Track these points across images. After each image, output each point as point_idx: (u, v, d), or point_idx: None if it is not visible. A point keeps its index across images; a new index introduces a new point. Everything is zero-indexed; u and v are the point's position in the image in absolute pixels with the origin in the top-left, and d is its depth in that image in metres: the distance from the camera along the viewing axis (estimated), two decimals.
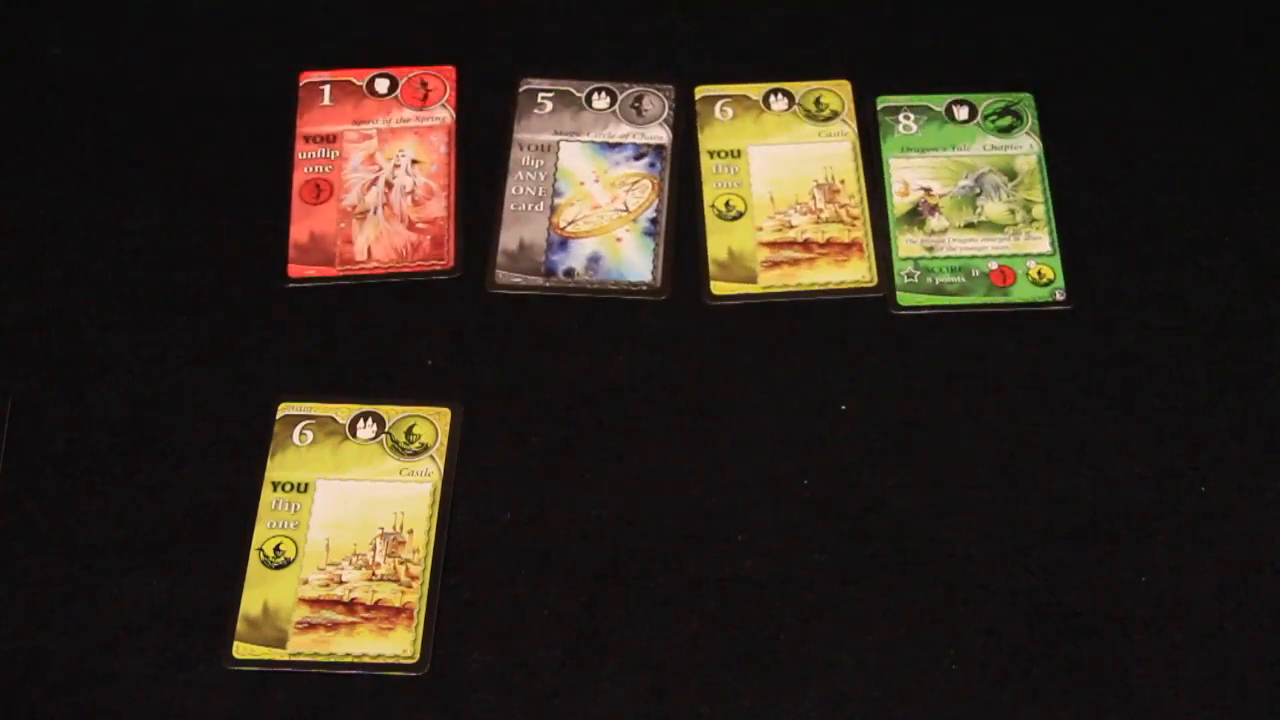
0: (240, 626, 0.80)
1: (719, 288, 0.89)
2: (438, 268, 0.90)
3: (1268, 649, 0.79)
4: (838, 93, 0.94)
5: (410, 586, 0.81)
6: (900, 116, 0.93)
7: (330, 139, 0.93)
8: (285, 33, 1.00)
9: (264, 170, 0.94)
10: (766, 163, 0.92)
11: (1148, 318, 0.88)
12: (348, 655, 0.79)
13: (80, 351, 0.88)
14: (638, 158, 0.92)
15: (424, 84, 0.95)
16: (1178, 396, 0.86)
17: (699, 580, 0.81)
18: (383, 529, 0.83)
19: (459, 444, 0.85)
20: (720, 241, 0.90)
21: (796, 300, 0.88)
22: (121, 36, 0.99)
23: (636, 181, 0.90)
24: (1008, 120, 0.93)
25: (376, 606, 0.80)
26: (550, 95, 0.94)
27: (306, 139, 0.94)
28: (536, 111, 0.94)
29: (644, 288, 0.89)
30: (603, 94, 0.94)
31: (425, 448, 0.85)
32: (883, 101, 0.94)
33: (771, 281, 0.89)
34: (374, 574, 0.81)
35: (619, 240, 0.90)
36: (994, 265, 0.89)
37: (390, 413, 0.86)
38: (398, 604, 0.80)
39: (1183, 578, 0.81)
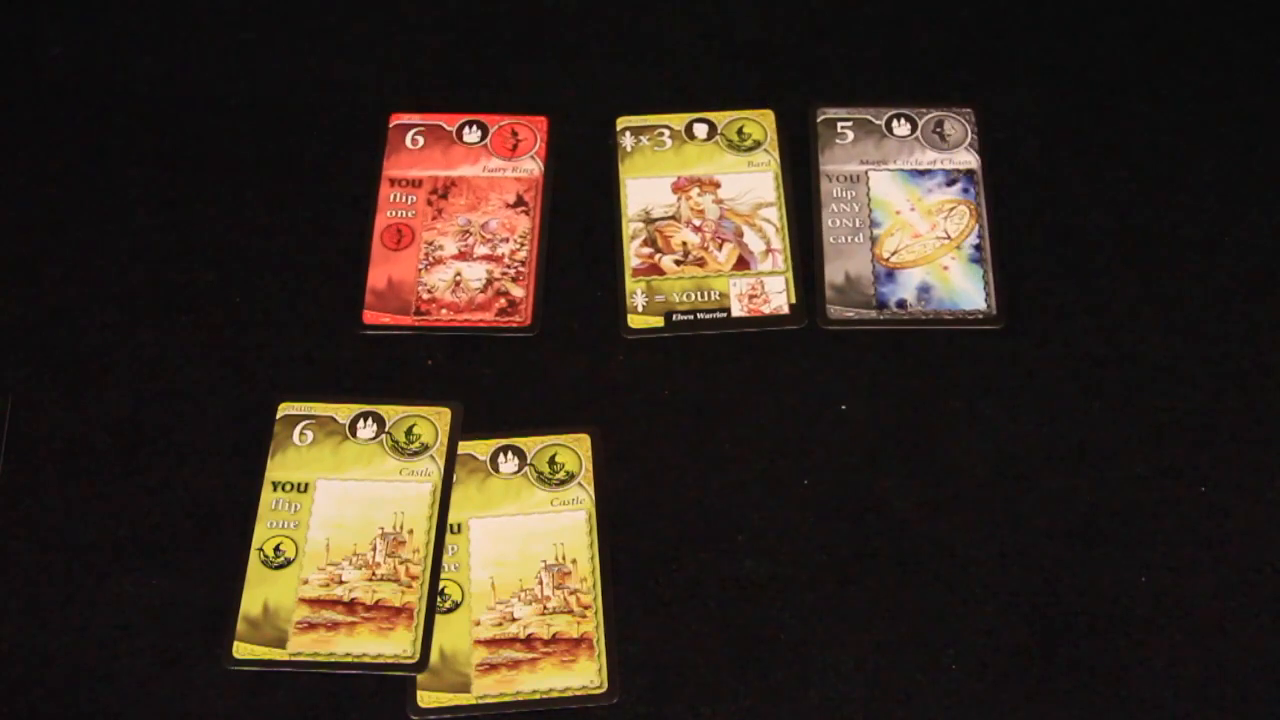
0: (240, 626, 0.80)
1: (425, 699, 0.78)
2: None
3: (1268, 649, 0.79)
4: (576, 449, 0.85)
5: (410, 586, 0.81)
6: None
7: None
8: (285, 27, 1.00)
9: (265, 168, 0.94)
10: (489, 539, 0.83)
11: (1148, 318, 0.88)
12: (348, 655, 0.79)
13: (80, 351, 0.88)
14: (950, 184, 0.90)
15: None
16: (1178, 396, 0.86)
17: (699, 580, 0.81)
18: (383, 529, 0.82)
19: (459, 444, 0.85)
20: (439, 636, 0.80)
21: (520, 702, 0.79)
22: (122, 36, 0.99)
23: (954, 208, 0.88)
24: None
25: (376, 606, 0.80)
26: (850, 124, 0.92)
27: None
28: (839, 141, 0.92)
29: (979, 316, 0.87)
30: (903, 120, 0.92)
31: (425, 447, 0.85)
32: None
33: (487, 689, 0.79)
34: (374, 574, 0.81)
35: (946, 269, 0.88)
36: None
37: (390, 413, 0.86)
38: (398, 604, 0.80)
39: (1183, 578, 0.81)
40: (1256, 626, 0.80)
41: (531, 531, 0.82)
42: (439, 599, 0.81)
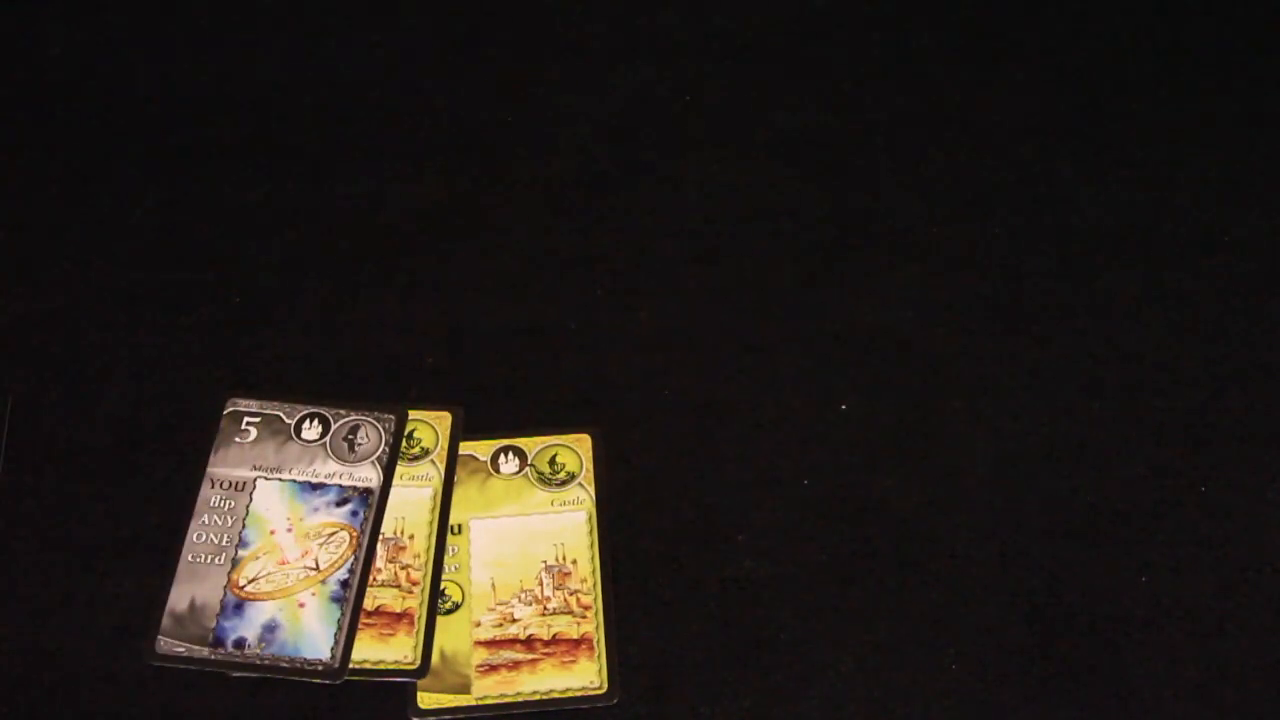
0: None
1: (426, 700, 0.78)
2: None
3: (1268, 649, 0.79)
4: (577, 449, 0.85)
5: (411, 592, 0.81)
6: None
7: None
8: (286, 26, 1.00)
9: (265, 168, 0.94)
10: (489, 540, 0.82)
11: (1148, 318, 0.89)
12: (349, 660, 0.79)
13: (80, 351, 0.88)
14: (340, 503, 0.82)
15: None
16: (1178, 396, 0.86)
17: (699, 580, 0.81)
18: (384, 535, 0.82)
19: (459, 447, 0.85)
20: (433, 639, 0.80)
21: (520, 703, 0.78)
22: (122, 36, 0.99)
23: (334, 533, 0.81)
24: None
25: (378, 612, 0.80)
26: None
27: None
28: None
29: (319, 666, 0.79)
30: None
31: (426, 452, 0.84)
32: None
33: (487, 690, 0.78)
34: (375, 579, 0.81)
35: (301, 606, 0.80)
36: None
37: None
38: (399, 609, 0.80)
39: (1183, 578, 0.81)
40: (1256, 626, 0.80)
41: (532, 532, 0.82)
42: (439, 600, 0.81)
